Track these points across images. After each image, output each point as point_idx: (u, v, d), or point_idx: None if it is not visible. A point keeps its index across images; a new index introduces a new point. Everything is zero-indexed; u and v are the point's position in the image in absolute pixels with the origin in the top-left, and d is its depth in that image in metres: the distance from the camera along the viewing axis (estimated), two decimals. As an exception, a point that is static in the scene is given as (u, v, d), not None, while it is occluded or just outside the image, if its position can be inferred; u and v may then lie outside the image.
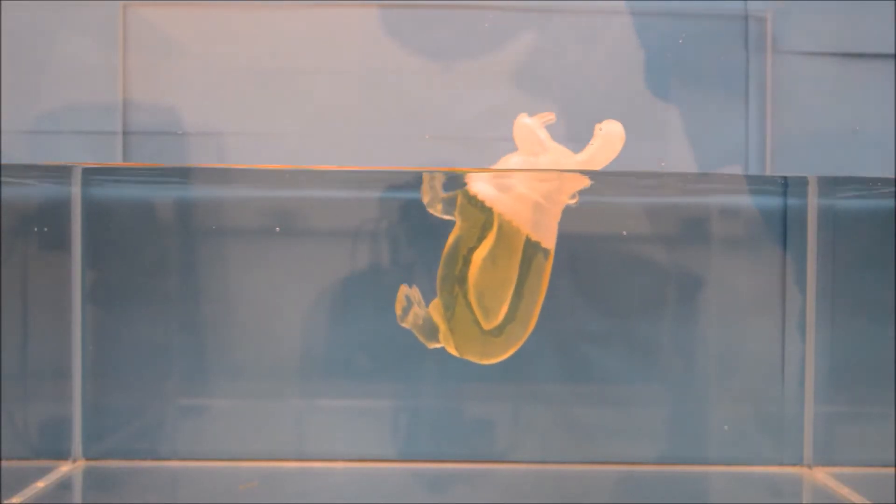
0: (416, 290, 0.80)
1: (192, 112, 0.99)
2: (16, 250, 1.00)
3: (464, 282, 0.75)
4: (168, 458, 1.02)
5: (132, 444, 1.02)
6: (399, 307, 0.80)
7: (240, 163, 1.01)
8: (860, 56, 1.00)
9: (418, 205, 0.79)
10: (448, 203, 0.77)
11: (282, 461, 1.02)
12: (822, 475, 1.00)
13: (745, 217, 1.02)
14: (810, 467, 1.02)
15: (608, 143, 0.74)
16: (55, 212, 1.01)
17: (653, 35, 0.99)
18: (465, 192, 0.76)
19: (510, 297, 0.75)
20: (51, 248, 1.01)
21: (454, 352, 0.78)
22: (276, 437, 1.02)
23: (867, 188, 0.97)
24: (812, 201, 1.02)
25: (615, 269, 1.02)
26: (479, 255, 0.74)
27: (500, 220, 0.74)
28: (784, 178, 1.01)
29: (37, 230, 1.01)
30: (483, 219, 0.75)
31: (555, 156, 0.75)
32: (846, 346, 1.02)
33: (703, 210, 1.02)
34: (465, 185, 0.77)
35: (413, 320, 0.79)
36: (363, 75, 1.00)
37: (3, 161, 0.96)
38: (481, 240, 0.75)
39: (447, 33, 1.00)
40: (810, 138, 1.00)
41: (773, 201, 1.02)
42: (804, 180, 0.99)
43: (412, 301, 0.80)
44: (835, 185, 1.00)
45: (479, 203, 0.75)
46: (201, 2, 1.00)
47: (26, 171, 0.96)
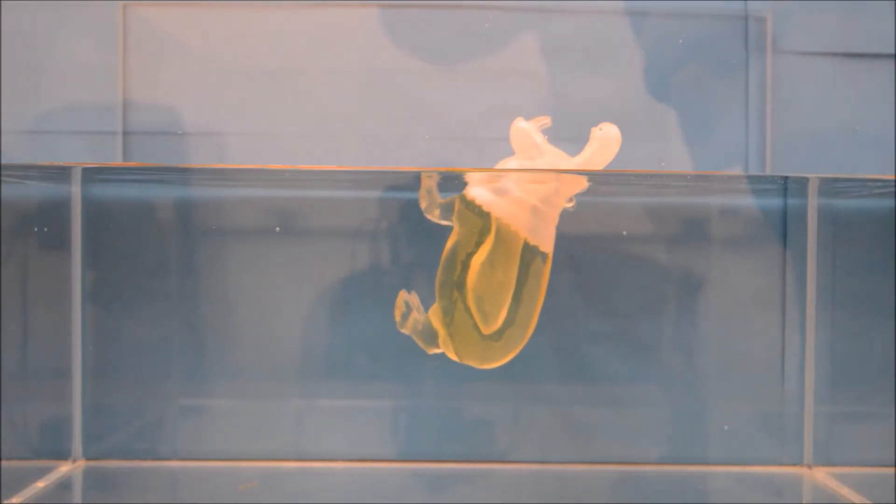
0: (414, 295, 0.80)
1: (191, 112, 0.99)
2: (16, 250, 1.00)
3: (462, 287, 0.75)
4: (168, 458, 1.02)
5: (132, 444, 1.02)
6: (398, 313, 0.80)
7: (240, 163, 1.01)
8: (860, 56, 0.99)
9: (418, 205, 0.79)
10: (445, 208, 0.77)
11: (282, 461, 1.02)
12: (822, 475, 1.00)
13: (746, 217, 1.02)
14: (810, 467, 1.02)
15: (604, 146, 0.74)
16: (55, 212, 1.01)
17: (653, 35, 0.99)
18: (463, 197, 0.76)
19: (509, 301, 0.74)
20: (51, 248, 1.01)
21: (454, 357, 0.78)
22: (276, 437, 1.02)
23: (867, 188, 0.97)
24: (812, 201, 1.01)
25: (615, 269, 1.02)
26: (477, 260, 0.74)
27: (498, 225, 0.74)
28: (784, 178, 1.01)
29: (37, 230, 1.01)
30: (481, 224, 0.75)
31: (551, 159, 0.75)
32: (846, 346, 1.02)
33: (703, 210, 1.02)
34: (463, 189, 0.76)
35: (412, 326, 0.79)
36: (363, 75, 1.00)
37: (3, 161, 0.96)
38: (479, 245, 0.75)
39: (447, 33, 0.99)
40: (810, 138, 1.00)
41: (773, 201, 1.02)
42: (804, 180, 0.99)
43: (411, 307, 0.80)
44: (835, 185, 1.00)
45: (477, 208, 0.74)
46: (201, 2, 0.99)
47: (26, 171, 0.96)
